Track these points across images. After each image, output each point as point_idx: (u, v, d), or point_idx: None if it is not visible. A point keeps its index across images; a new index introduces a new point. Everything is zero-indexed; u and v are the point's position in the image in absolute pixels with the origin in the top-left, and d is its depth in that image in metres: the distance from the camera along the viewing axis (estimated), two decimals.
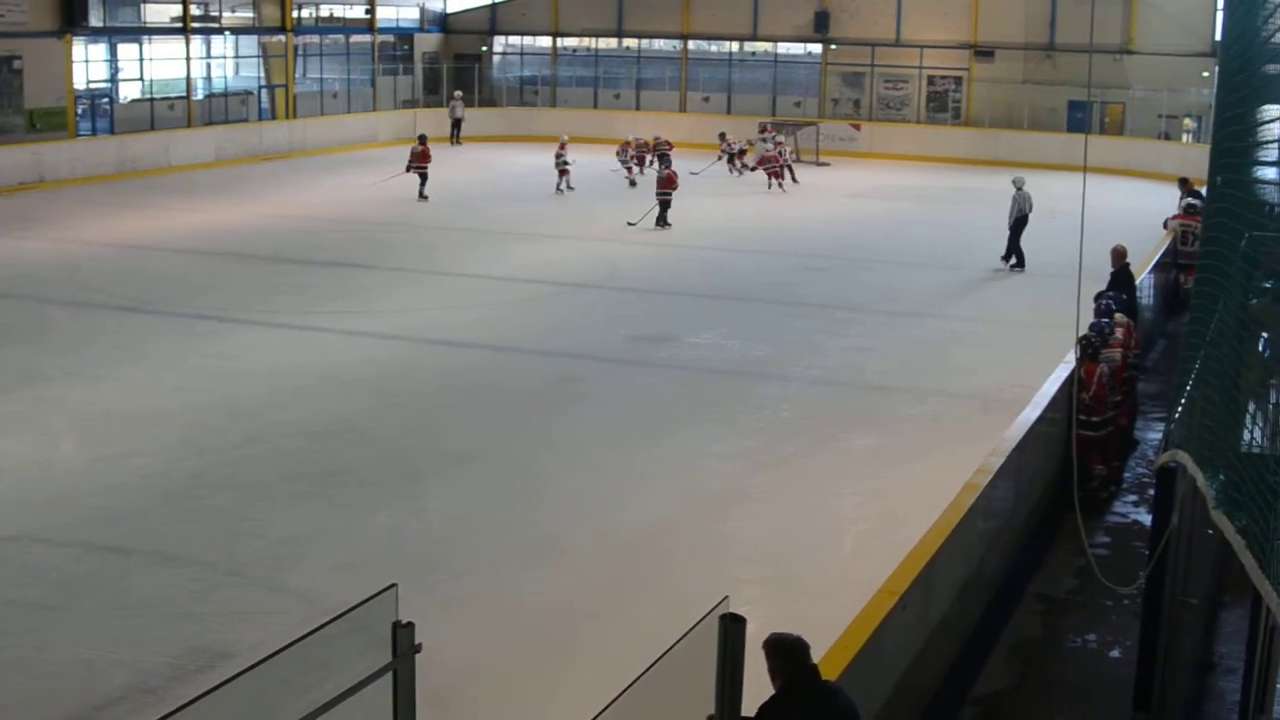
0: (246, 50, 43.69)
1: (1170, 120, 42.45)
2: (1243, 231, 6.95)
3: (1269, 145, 6.97)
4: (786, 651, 5.92)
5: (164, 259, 25.29)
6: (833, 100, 47.31)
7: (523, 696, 9.42)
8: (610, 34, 50.15)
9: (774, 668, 5.91)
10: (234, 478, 13.48)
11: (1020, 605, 11.14)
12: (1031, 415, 12.12)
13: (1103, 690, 9.75)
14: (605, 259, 25.66)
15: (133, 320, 20.13)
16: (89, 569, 11.29)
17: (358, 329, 19.87)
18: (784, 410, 16.32)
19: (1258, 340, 6.62)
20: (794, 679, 5.91)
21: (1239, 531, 5.75)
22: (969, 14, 45.11)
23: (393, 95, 48.61)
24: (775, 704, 5.81)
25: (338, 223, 29.75)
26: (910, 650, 8.52)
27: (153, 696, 9.07)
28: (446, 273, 24.25)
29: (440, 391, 16.84)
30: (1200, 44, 41.37)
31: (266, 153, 40.93)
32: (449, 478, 13.75)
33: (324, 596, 10.57)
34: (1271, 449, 6.05)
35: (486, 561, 11.62)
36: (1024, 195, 25.50)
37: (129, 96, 39.80)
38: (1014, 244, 25.37)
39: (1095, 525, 12.90)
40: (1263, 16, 7.00)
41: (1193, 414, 7.79)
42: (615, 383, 17.49)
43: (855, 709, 6.11)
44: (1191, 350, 8.67)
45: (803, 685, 5.92)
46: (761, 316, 21.24)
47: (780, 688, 5.91)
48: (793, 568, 11.58)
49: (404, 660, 5.25)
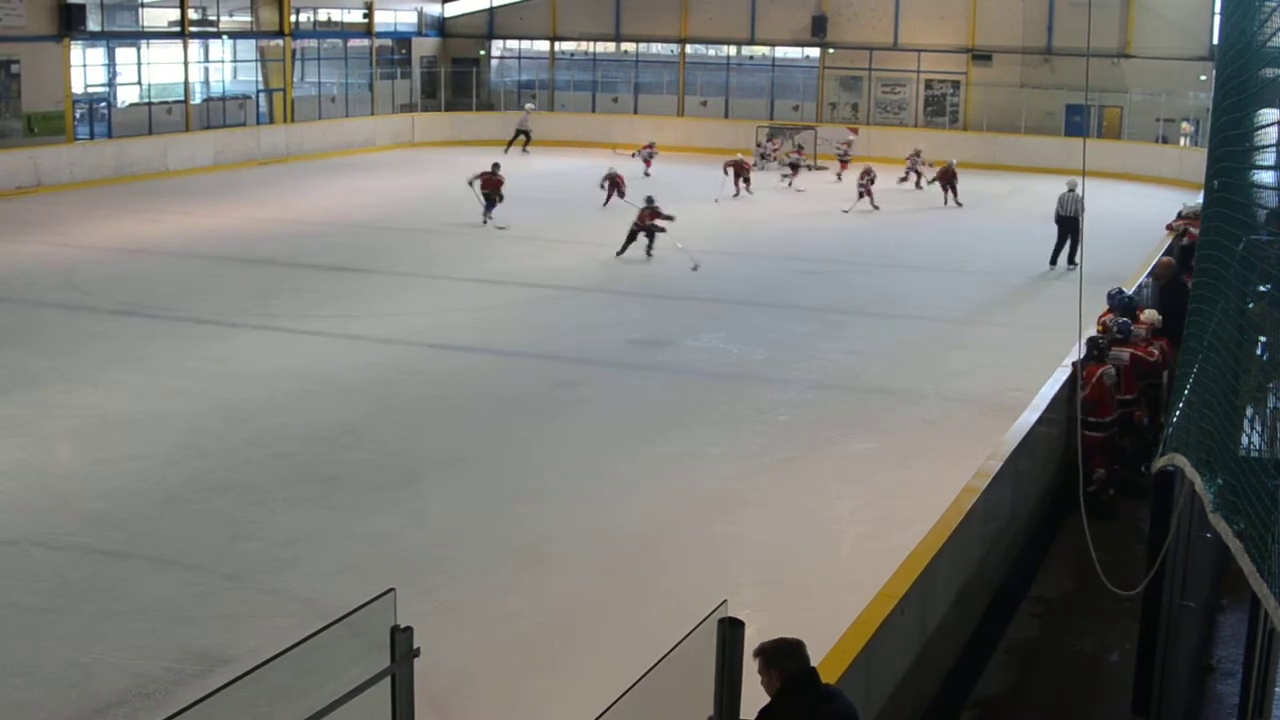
0: (244, 54, 43.67)
1: (1168, 124, 42.50)
2: (1240, 235, 6.95)
3: (1266, 149, 6.96)
4: (782, 654, 5.82)
5: (161, 263, 25.30)
6: (830, 104, 47.33)
7: (521, 701, 9.41)
8: (608, 38, 50.16)
9: (772, 672, 5.83)
10: (232, 482, 13.47)
11: (1019, 609, 11.14)
12: (1030, 418, 12.12)
13: (1101, 694, 9.75)
14: (603, 263, 25.65)
15: (130, 324, 20.13)
16: (87, 573, 11.28)
17: (355, 333, 19.86)
18: (782, 414, 16.32)
19: (1255, 344, 6.61)
20: (792, 681, 5.83)
21: (1237, 535, 5.74)
22: (967, 18, 45.16)
23: (390, 99, 48.59)
24: (774, 707, 5.76)
25: (335, 226, 29.74)
26: (909, 654, 8.52)
27: (151, 701, 9.07)
28: (445, 277, 24.23)
29: (438, 395, 16.83)
30: (1198, 48, 41.40)
31: (264, 157, 40.92)
32: (447, 482, 13.74)
33: (322, 600, 10.57)
34: (1270, 453, 6.05)
35: (485, 565, 11.62)
36: (1068, 197, 25.57)
37: (127, 101, 39.80)
38: (1058, 245, 25.45)
39: (1095, 529, 12.87)
40: (1259, 21, 7.00)
41: (1190, 418, 7.79)
42: (613, 387, 17.49)
43: (855, 711, 6.04)
44: (1189, 354, 8.67)
45: (801, 687, 5.82)
46: (759, 320, 21.23)
47: (778, 691, 5.80)
48: (791, 571, 11.57)
49: (402, 665, 5.25)
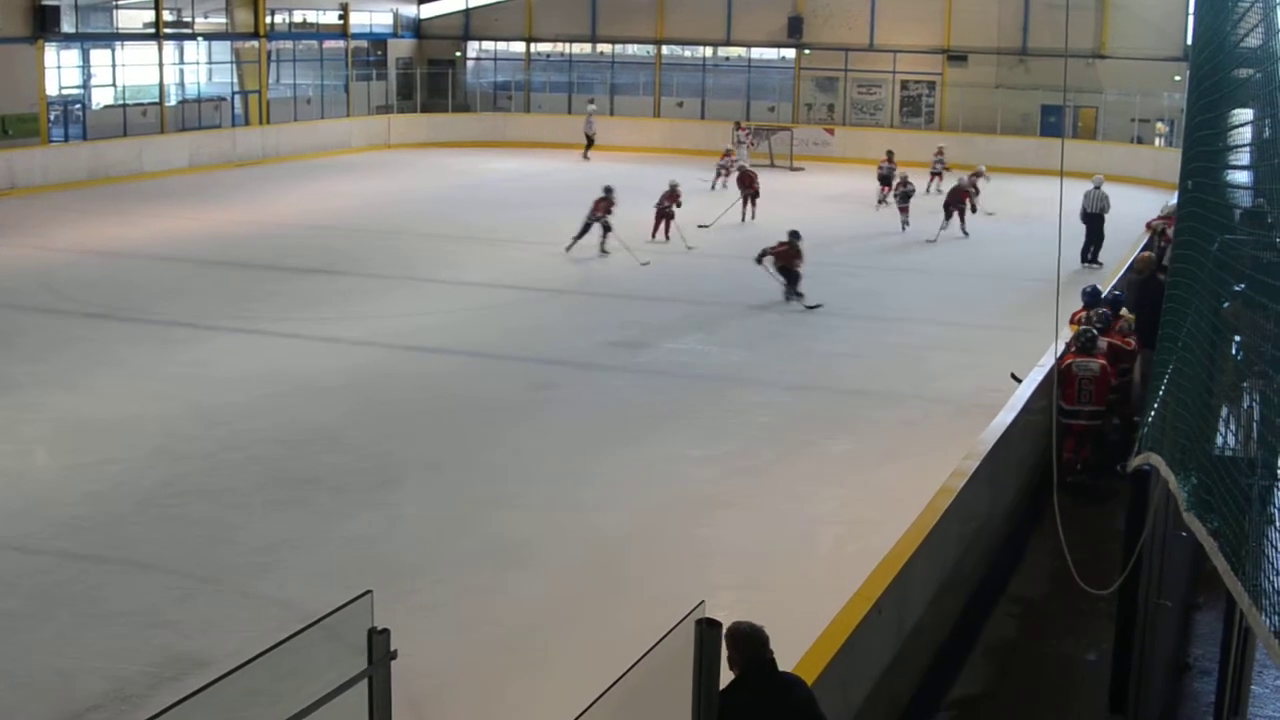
0: (220, 56, 43.54)
1: (1143, 124, 42.69)
2: (1214, 235, 6.99)
3: (1240, 149, 7.01)
4: (742, 640, 6.04)
5: (137, 265, 25.19)
6: (806, 105, 47.42)
7: (499, 703, 9.41)
8: (584, 39, 50.16)
9: (731, 655, 5.99)
10: (209, 485, 13.43)
11: (996, 608, 11.18)
12: (1006, 419, 12.18)
13: (1078, 693, 9.78)
14: (581, 265, 25.65)
15: (106, 327, 20.05)
16: (64, 577, 11.23)
17: (332, 335, 19.80)
18: (761, 415, 16.34)
19: (1230, 343, 6.65)
20: (748, 667, 6.02)
21: (1211, 534, 5.77)
22: (942, 19, 45.30)
23: (366, 101, 48.50)
24: (728, 690, 5.87)
25: (312, 228, 29.65)
26: (886, 654, 8.55)
27: (129, 704, 9.04)
28: (421, 279, 24.19)
29: (416, 398, 16.79)
30: (1172, 48, 41.61)
31: (240, 159, 40.80)
32: (425, 484, 13.73)
33: (300, 603, 10.55)
34: (1244, 452, 6.08)
35: (462, 568, 11.61)
36: (1094, 195, 25.92)
37: (101, 102, 39.62)
38: (1087, 243, 25.72)
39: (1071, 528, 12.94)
40: (1232, 21, 7.05)
41: (1165, 417, 7.83)
42: (591, 389, 17.48)
43: (813, 700, 6.21)
44: (1164, 353, 8.71)
45: (757, 673, 6.02)
46: (738, 322, 21.26)
47: (738, 674, 6.01)
48: (769, 572, 11.59)
49: (380, 667, 5.24)
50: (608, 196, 26.13)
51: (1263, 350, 5.67)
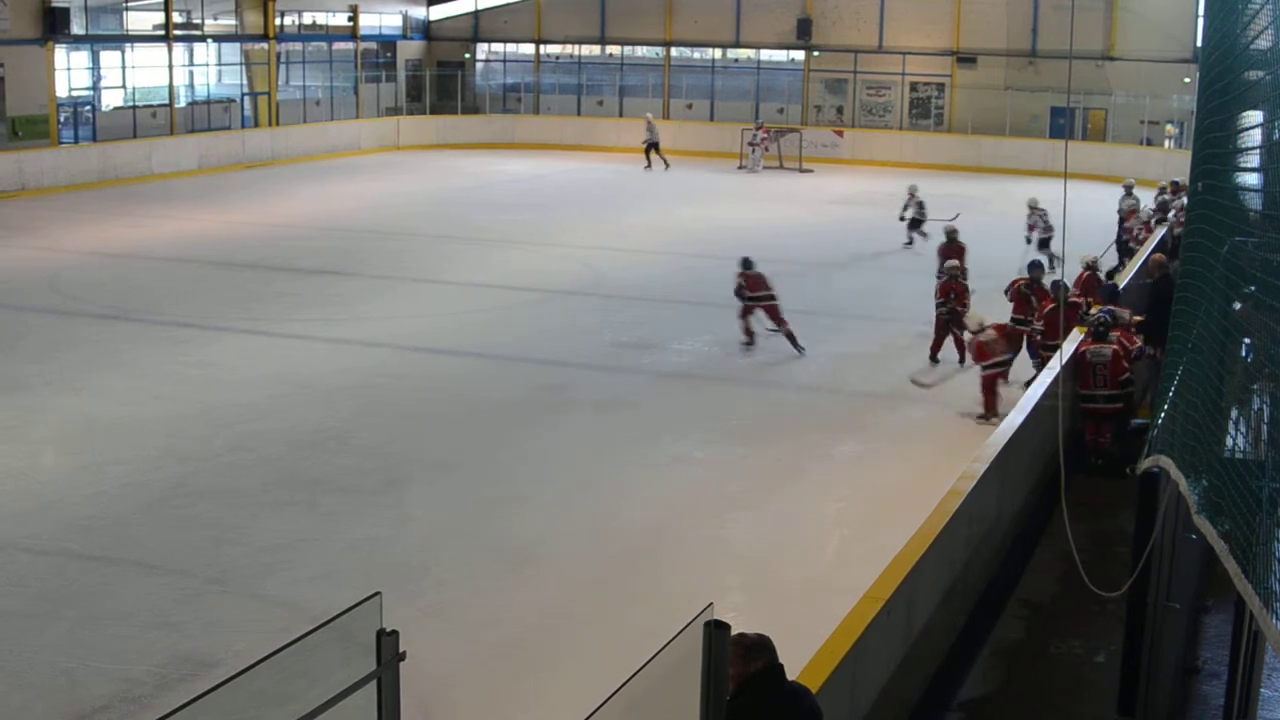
0: (229, 58, 43.63)
1: (1152, 126, 42.63)
2: (1224, 237, 6.97)
3: (1249, 151, 6.99)
4: (743, 650, 5.98)
5: (145, 267, 25.22)
6: (815, 107, 47.39)
7: (506, 705, 9.40)
8: (593, 41, 50.16)
9: (739, 663, 5.95)
10: (216, 486, 13.44)
11: (1004, 610, 11.15)
12: (1016, 420, 12.15)
13: (1087, 695, 9.76)
14: (589, 266, 25.65)
15: (114, 328, 20.07)
16: (71, 578, 11.24)
17: (340, 336, 19.80)
18: (769, 417, 16.32)
19: (1240, 346, 6.64)
20: (751, 677, 5.96)
21: (1221, 536, 5.76)
22: (951, 21, 45.25)
23: (375, 103, 48.55)
24: (736, 695, 5.85)
25: (320, 230, 29.67)
26: (894, 656, 8.53)
27: (136, 705, 9.05)
28: (430, 280, 24.20)
29: (423, 399, 16.80)
30: (1181, 50, 41.53)
31: (249, 160, 40.84)
32: (432, 485, 13.72)
33: (307, 605, 10.55)
34: (1254, 454, 6.07)
35: (470, 569, 11.61)
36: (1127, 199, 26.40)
37: (111, 104, 39.73)
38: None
39: (1080, 530, 12.91)
40: (1242, 23, 7.03)
41: (1175, 419, 7.80)
42: (599, 390, 17.47)
43: (818, 711, 6.17)
44: (1174, 355, 8.69)
45: (761, 683, 5.98)
46: None
47: (744, 683, 5.96)
48: (777, 574, 11.58)
49: (388, 669, 5.23)
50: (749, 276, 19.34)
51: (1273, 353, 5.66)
